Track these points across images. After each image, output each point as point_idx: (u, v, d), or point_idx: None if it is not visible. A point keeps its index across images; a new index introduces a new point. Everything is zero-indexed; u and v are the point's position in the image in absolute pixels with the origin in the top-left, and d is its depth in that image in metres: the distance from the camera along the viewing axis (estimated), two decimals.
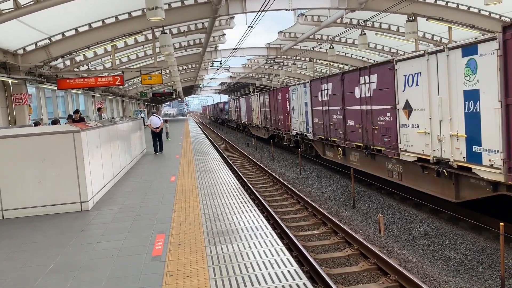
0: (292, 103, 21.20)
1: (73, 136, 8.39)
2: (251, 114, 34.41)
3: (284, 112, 22.68)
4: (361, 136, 13.39)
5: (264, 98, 28.55)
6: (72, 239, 6.66)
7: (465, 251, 8.43)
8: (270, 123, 26.86)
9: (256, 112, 31.76)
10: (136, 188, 10.66)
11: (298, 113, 20.11)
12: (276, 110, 24.76)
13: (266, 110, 28.02)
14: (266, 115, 28.01)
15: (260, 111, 30.25)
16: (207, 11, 14.94)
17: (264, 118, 28.92)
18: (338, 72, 16.99)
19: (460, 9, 16.39)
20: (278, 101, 24.14)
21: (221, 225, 6.92)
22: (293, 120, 21.28)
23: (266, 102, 28.03)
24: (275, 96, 25.16)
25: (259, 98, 30.39)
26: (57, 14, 12.64)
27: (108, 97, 31.14)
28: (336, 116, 15.31)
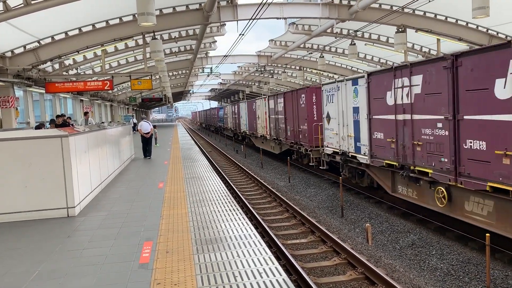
0: (327, 109, 15.42)
1: (61, 141, 8.30)
2: (254, 122, 28.83)
3: (310, 120, 17.65)
4: None
5: (277, 103, 22.84)
6: (57, 246, 6.56)
7: (452, 261, 8.49)
8: (285, 134, 21.35)
9: (263, 120, 26.26)
10: (123, 194, 10.56)
11: (337, 123, 14.42)
12: (296, 117, 19.34)
13: (278, 117, 22.60)
14: (279, 124, 22.51)
15: (268, 118, 24.80)
16: (198, 18, 14.96)
17: (274, 128, 23.38)
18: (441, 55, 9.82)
19: (449, 22, 16.66)
20: (299, 106, 18.86)
21: (210, 233, 6.88)
22: (327, 132, 15.54)
23: (279, 107, 22.41)
24: (295, 99, 19.49)
25: (268, 102, 24.82)
26: (47, 17, 12.55)
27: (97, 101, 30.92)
28: (433, 131, 9.36)
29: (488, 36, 17.02)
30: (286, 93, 21.90)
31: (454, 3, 14.59)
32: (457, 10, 15.64)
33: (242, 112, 34.04)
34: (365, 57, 25.04)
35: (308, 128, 17.73)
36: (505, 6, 14.17)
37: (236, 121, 37.80)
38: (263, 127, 26.34)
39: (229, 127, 42.96)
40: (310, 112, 17.84)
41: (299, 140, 19.14)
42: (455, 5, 14.91)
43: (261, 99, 26.61)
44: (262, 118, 26.26)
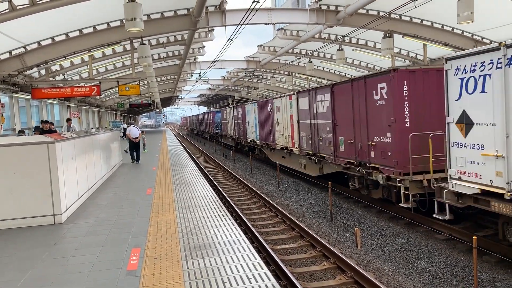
0: (463, 105, 8.10)
1: (47, 147, 8.21)
2: (270, 130, 22.01)
3: (399, 128, 10.69)
4: None
5: (315, 101, 15.63)
6: (44, 253, 6.46)
7: (440, 264, 8.55)
8: (333, 148, 14.20)
9: (286, 127, 19.29)
10: (111, 200, 10.46)
11: (496, 135, 7.42)
12: (362, 122, 12.31)
13: (319, 123, 15.41)
14: (319, 133, 15.47)
15: (297, 124, 17.72)
16: (186, 23, 14.94)
17: (310, 139, 16.36)
18: None
19: (435, 27, 16.86)
20: (371, 104, 11.73)
21: (198, 239, 6.84)
22: (460, 151, 8.26)
23: (319, 107, 15.26)
24: (360, 93, 12.28)
25: (297, 101, 17.53)
26: (33, 23, 12.43)
27: (84, 107, 30.66)
28: None
29: (473, 41, 17.26)
30: (337, 84, 14.14)
31: (440, 9, 14.78)
32: (443, 16, 15.85)
33: (250, 116, 26.98)
34: (353, 62, 25.22)
35: (395, 140, 10.64)
36: (489, 12, 14.40)
37: (239, 128, 30.56)
38: (286, 137, 19.22)
39: (229, 135, 35.90)
40: (398, 113, 10.60)
41: (368, 160, 11.95)
42: (441, 11, 15.11)
43: (283, 97, 19.43)
44: (285, 124, 19.30)
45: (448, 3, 12.86)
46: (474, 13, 11.50)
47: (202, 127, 59.73)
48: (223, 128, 39.49)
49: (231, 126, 34.59)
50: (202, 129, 60.52)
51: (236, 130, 32.24)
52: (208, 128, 52.63)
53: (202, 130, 59.87)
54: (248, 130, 27.81)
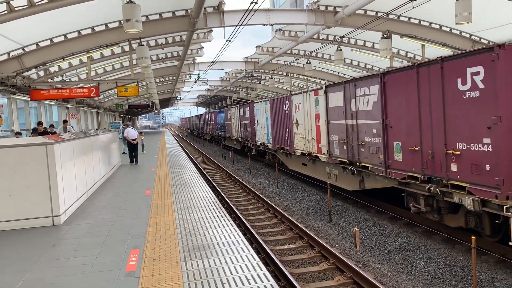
0: None
1: (45, 149, 8.20)
2: (287, 132, 18.42)
3: None
4: None
5: (354, 94, 12.16)
6: (42, 255, 6.46)
7: (439, 265, 8.55)
8: (385, 158, 10.80)
9: (309, 129, 15.86)
10: (110, 202, 10.45)
11: None
12: (466, 119, 8.22)
13: (366, 124, 11.66)
14: (361, 136, 11.96)
15: (325, 126, 14.27)
16: (185, 24, 14.94)
17: (345, 143, 12.93)
18: None
19: (433, 28, 16.89)
20: None
21: (197, 239, 6.84)
22: None
23: (362, 103, 11.79)
24: (450, 79, 8.45)
25: (325, 97, 14.10)
26: (32, 24, 12.42)
27: (83, 108, 30.63)
28: None
29: (471, 42, 17.30)
30: (391, 73, 10.54)
31: (438, 9, 14.81)
32: (441, 16, 15.88)
33: (260, 116, 23.61)
34: (351, 63, 25.25)
35: (501, 149, 7.49)
36: (487, 12, 14.43)
37: (247, 130, 27.37)
38: (308, 141, 15.99)
39: (233, 137, 32.66)
40: (507, 110, 7.47)
41: (446, 175, 8.69)
42: (439, 11, 15.14)
43: (305, 93, 16.06)
44: (308, 125, 15.94)
45: (446, 4, 12.90)
46: (472, 14, 11.53)
47: (203, 129, 55.57)
48: (227, 129, 35.71)
49: (237, 127, 31.06)
50: (202, 131, 56.27)
51: (243, 132, 28.84)
52: (209, 129, 48.62)
53: (203, 131, 55.65)
54: (257, 132, 24.31)
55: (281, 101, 19.43)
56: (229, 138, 35.37)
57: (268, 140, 21.93)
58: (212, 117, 45.35)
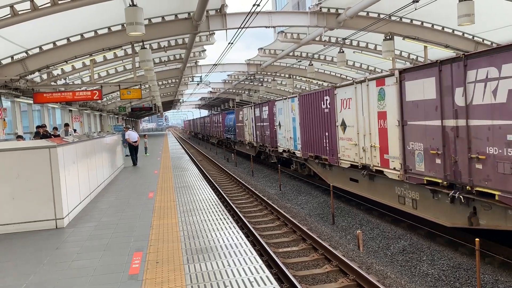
0: None
1: (49, 152, 8.22)
2: (326, 138, 14.78)
3: None
4: None
5: (463, 79, 7.97)
6: (46, 258, 6.47)
7: (442, 267, 8.52)
8: None
9: (366, 133, 12.03)
10: (113, 204, 10.47)
11: None
12: None
13: (478, 129, 7.81)
14: (487, 146, 7.60)
15: (402, 130, 10.21)
16: (187, 27, 14.97)
17: (442, 155, 8.78)
18: None
19: (435, 29, 16.86)
20: None
21: (200, 242, 6.84)
22: None
23: (479, 92, 7.64)
24: None
25: (402, 86, 10.07)
26: (35, 28, 12.47)
27: (86, 111, 30.71)
28: None
29: (474, 43, 17.26)
30: None
31: (440, 11, 14.78)
32: (443, 18, 15.85)
33: (283, 117, 19.76)
34: (354, 65, 25.22)
35: None
36: (490, 14, 14.40)
37: (264, 133, 23.39)
38: (365, 149, 12.03)
39: (246, 141, 28.86)
40: None
41: None
42: (441, 13, 15.11)
43: (358, 84, 12.23)
44: (362, 127, 12.15)
45: (449, 5, 12.87)
46: (475, 15, 11.50)
47: (209, 131, 51.96)
48: (238, 132, 31.72)
49: (251, 130, 27.09)
50: (208, 134, 52.26)
51: (259, 136, 24.87)
52: (216, 132, 45.13)
53: (209, 134, 52.00)
54: (279, 136, 20.50)
55: (317, 96, 15.42)
56: (240, 142, 31.22)
57: (295, 146, 18.12)
58: (220, 119, 41.81)
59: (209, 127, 51.42)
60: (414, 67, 10.00)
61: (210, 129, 50.47)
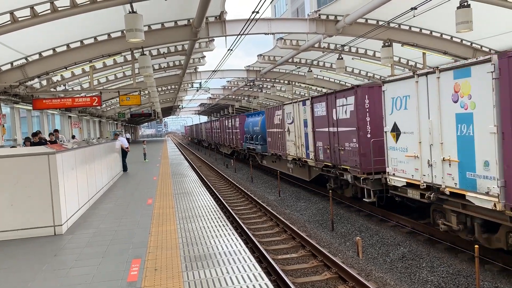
0: None
1: (47, 158, 8.21)
2: None
3: None
4: None
5: None
6: (44, 265, 6.44)
7: (442, 274, 8.50)
8: None
9: None
10: (112, 211, 10.44)
11: None
12: None
13: None
14: None
15: None
16: (187, 33, 15.02)
17: None
18: None
19: (434, 36, 16.93)
20: None
21: (199, 249, 6.82)
22: None
23: None
24: None
25: None
26: (34, 34, 12.51)
27: (85, 117, 30.73)
28: None
29: (472, 50, 17.31)
30: None
31: (439, 18, 14.84)
32: (441, 24, 15.91)
33: None
34: (353, 71, 25.29)
35: None
36: (488, 21, 14.46)
37: (340, 145, 14.15)
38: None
39: (290, 156, 19.41)
40: None
41: None
42: (440, 20, 15.18)
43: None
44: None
45: (447, 12, 12.93)
46: (473, 22, 11.55)
47: (219, 139, 41.94)
48: (271, 142, 22.55)
49: (301, 139, 17.81)
50: (218, 142, 42.21)
51: (324, 149, 15.40)
52: (230, 140, 35.89)
53: (218, 142, 41.94)
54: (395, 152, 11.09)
55: None
56: (276, 156, 21.88)
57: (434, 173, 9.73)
58: (236, 123, 32.69)
59: (219, 133, 41.83)
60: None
61: (221, 136, 40.59)
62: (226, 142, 37.62)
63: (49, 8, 10.47)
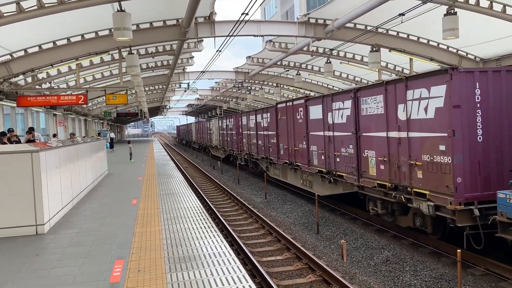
0: None
1: (31, 156, 8.08)
2: None
3: None
4: None
5: None
6: (24, 265, 6.33)
7: (425, 278, 8.57)
8: None
9: None
10: (95, 211, 10.32)
11: None
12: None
13: None
14: None
15: None
16: (175, 33, 14.95)
17: None
18: None
19: (421, 42, 17.13)
20: None
21: (183, 251, 6.77)
22: None
23: None
24: None
25: None
26: (20, 30, 12.32)
27: (71, 115, 30.38)
28: None
29: (458, 57, 17.56)
30: None
31: (426, 24, 15.03)
32: (428, 31, 16.11)
33: None
34: (341, 75, 25.45)
35: None
36: (474, 28, 14.68)
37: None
38: None
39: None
40: None
41: None
42: (427, 26, 15.37)
43: None
44: None
45: (434, 19, 13.09)
46: (459, 30, 11.72)
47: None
48: None
49: None
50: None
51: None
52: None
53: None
54: None
55: None
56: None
57: None
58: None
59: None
60: None
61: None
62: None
63: (35, 4, 10.32)
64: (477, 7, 12.58)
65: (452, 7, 11.75)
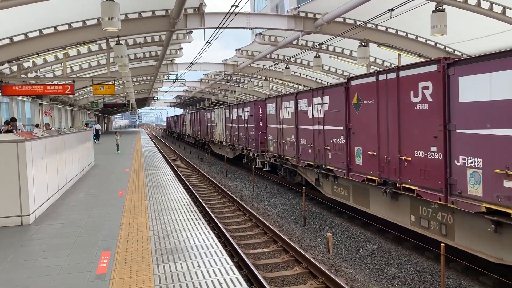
0: None
1: (16, 146, 7.99)
2: None
3: None
4: None
5: None
6: (9, 256, 6.28)
7: (409, 271, 8.71)
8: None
9: None
10: (82, 202, 10.25)
11: None
12: None
13: None
14: None
15: None
16: (164, 24, 14.83)
17: None
18: None
19: (409, 38, 17.26)
20: None
21: (170, 242, 6.78)
22: None
23: None
24: None
25: None
26: (6, 18, 12.12)
27: (57, 105, 30.01)
28: None
29: (445, 53, 17.73)
30: None
31: (415, 21, 15.14)
32: (417, 27, 16.24)
33: None
34: (329, 69, 25.54)
35: None
36: (462, 25, 14.84)
37: None
38: None
39: None
40: None
41: None
42: (416, 22, 15.48)
43: None
44: None
45: (423, 16, 13.19)
46: (447, 26, 11.83)
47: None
48: None
49: None
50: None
51: None
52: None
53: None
54: None
55: None
56: None
57: None
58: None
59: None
60: None
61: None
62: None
63: None
64: (465, 4, 12.71)
65: (440, 3, 11.85)
